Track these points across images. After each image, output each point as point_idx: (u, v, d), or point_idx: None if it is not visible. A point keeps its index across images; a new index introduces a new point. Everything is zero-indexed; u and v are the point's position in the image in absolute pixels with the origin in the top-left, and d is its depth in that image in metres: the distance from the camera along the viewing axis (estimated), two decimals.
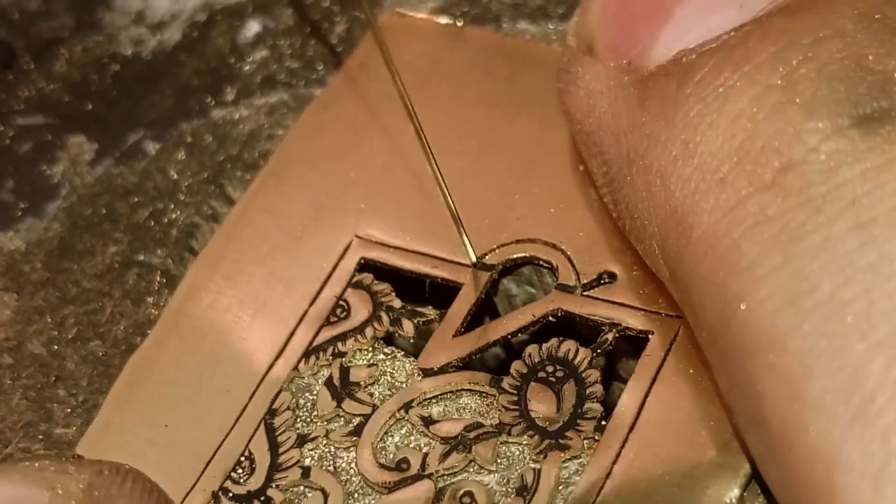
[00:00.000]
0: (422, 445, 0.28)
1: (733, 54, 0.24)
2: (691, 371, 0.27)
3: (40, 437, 0.30)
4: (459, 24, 0.35)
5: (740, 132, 0.23)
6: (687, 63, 0.25)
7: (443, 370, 0.29)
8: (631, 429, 0.26)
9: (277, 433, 0.28)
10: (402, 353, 0.30)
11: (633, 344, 0.29)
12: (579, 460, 0.27)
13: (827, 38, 0.23)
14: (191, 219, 0.34)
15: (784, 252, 0.22)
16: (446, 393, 0.28)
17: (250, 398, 0.29)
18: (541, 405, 0.27)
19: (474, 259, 0.30)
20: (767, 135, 0.23)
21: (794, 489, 0.22)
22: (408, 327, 0.30)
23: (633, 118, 0.26)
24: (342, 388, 0.29)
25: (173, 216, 0.34)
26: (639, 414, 0.27)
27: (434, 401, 0.28)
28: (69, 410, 0.31)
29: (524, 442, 0.27)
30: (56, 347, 0.32)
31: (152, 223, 0.34)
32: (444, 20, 0.35)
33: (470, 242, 0.30)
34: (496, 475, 0.27)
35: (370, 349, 0.29)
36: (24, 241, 0.35)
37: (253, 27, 0.38)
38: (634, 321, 0.28)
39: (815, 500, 0.21)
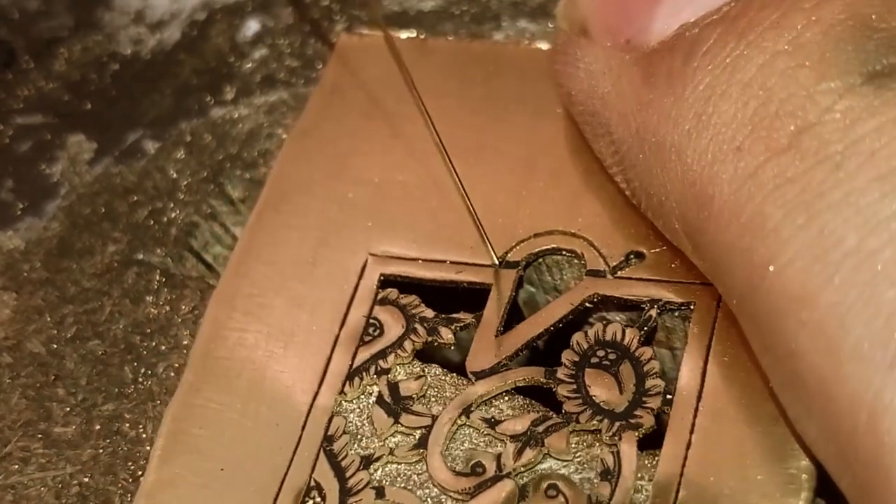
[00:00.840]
0: (492, 446, 0.28)
1: (737, 24, 0.24)
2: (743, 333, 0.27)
3: (39, 435, 0.30)
4: (422, 36, 0.35)
5: (753, 100, 0.23)
6: (691, 37, 0.25)
7: (494, 370, 0.28)
8: (699, 398, 0.27)
9: (340, 459, 0.28)
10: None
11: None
12: (658, 436, 0.27)
13: (827, 0, 0.24)
14: (190, 218, 0.34)
15: (807, 211, 0.22)
16: (503, 392, 0.28)
17: (303, 428, 0.28)
18: (602, 389, 0.27)
19: (496, 260, 0.30)
20: (780, 100, 0.23)
21: (837, 441, 0.22)
22: (446, 334, 0.29)
23: (639, 96, 0.26)
24: (395, 404, 0.28)
25: (172, 215, 0.34)
26: (702, 383, 0.27)
27: (492, 401, 0.28)
28: (68, 409, 0.31)
29: (595, 427, 0.27)
30: (55, 346, 0.32)
31: (151, 222, 0.34)
32: (404, 34, 0.35)
33: (490, 243, 0.30)
34: (575, 464, 0.27)
35: (414, 361, 0.29)
36: (24, 240, 0.35)
37: (252, 26, 0.38)
38: (673, 294, 0.28)
39: (861, 448, 0.21)
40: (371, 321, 0.30)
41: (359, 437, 0.28)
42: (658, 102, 0.25)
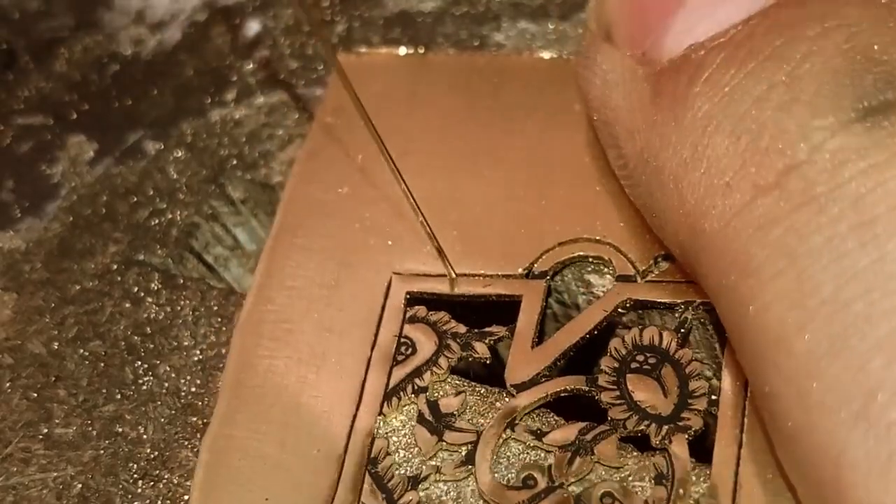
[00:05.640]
0: (541, 458, 0.27)
1: (740, 50, 0.24)
2: None
3: (40, 436, 0.30)
4: (421, 51, 0.35)
5: (745, 134, 0.23)
6: (696, 59, 0.25)
7: (534, 382, 0.28)
8: (745, 396, 0.26)
9: (386, 480, 0.28)
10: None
11: None
12: (707, 437, 0.26)
13: (832, 29, 0.23)
14: (191, 218, 0.34)
15: (789, 254, 0.22)
16: (546, 403, 0.28)
17: (344, 452, 0.28)
18: (645, 394, 0.27)
19: (453, 273, 0.30)
20: (771, 135, 0.23)
21: (806, 485, 0.22)
22: (481, 349, 0.29)
23: (646, 115, 0.25)
24: (438, 422, 0.28)
25: (173, 216, 0.34)
26: (747, 380, 0.26)
27: (536, 413, 0.28)
28: (69, 410, 0.31)
29: (643, 432, 0.27)
30: (56, 347, 0.32)
31: (152, 223, 0.34)
32: (403, 51, 0.35)
33: (448, 261, 0.30)
34: (628, 470, 0.27)
35: (451, 378, 0.29)
36: (24, 240, 0.35)
37: (253, 27, 0.38)
38: (706, 295, 0.27)
39: (827, 497, 0.21)
40: (403, 340, 0.30)
41: (403, 457, 0.28)
42: (661, 125, 0.25)
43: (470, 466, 0.27)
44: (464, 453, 0.28)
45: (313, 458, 0.28)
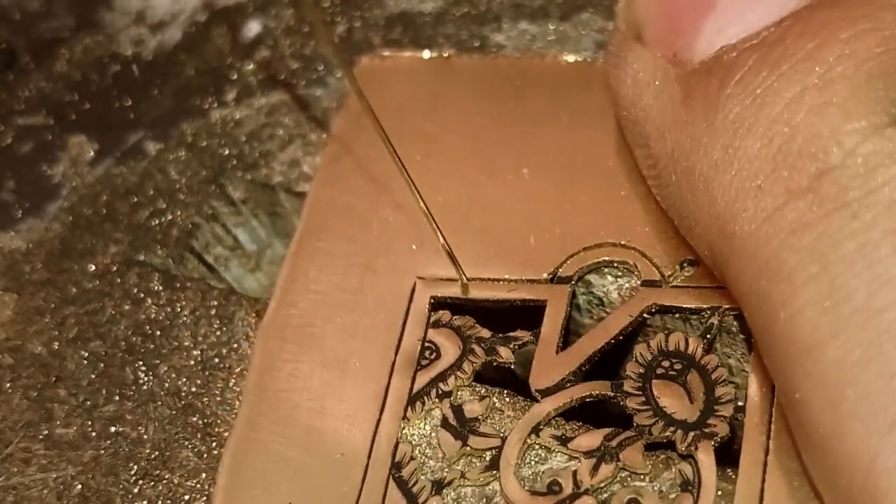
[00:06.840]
0: (567, 464, 0.27)
1: (772, 52, 0.24)
2: None
3: (41, 437, 0.30)
4: (445, 55, 0.35)
5: (777, 137, 0.23)
6: (728, 61, 0.24)
7: (559, 387, 0.28)
8: (772, 403, 0.26)
9: (410, 485, 0.28)
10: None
11: None
12: (733, 444, 0.26)
13: (865, 31, 0.23)
14: (191, 219, 0.34)
15: (821, 260, 0.22)
16: (571, 408, 0.28)
17: (368, 457, 0.28)
18: (671, 400, 0.27)
19: (465, 279, 0.30)
20: (804, 139, 0.22)
21: (834, 493, 0.22)
22: (505, 354, 0.29)
23: (677, 115, 0.25)
24: (462, 427, 0.28)
25: (173, 216, 0.34)
26: (774, 386, 0.26)
27: (561, 418, 0.28)
28: (69, 410, 0.31)
29: (669, 438, 0.27)
30: (56, 347, 0.32)
31: (153, 223, 0.34)
32: (426, 54, 0.35)
33: (459, 265, 0.30)
34: (653, 477, 0.27)
35: (475, 383, 0.29)
36: (25, 241, 0.35)
37: (253, 27, 0.38)
38: (732, 300, 0.27)
39: (857, 502, 0.21)
40: (427, 345, 0.29)
41: (427, 461, 0.28)
42: (692, 126, 0.25)
43: (494, 472, 0.27)
44: (488, 458, 0.28)
45: (337, 463, 0.28)
